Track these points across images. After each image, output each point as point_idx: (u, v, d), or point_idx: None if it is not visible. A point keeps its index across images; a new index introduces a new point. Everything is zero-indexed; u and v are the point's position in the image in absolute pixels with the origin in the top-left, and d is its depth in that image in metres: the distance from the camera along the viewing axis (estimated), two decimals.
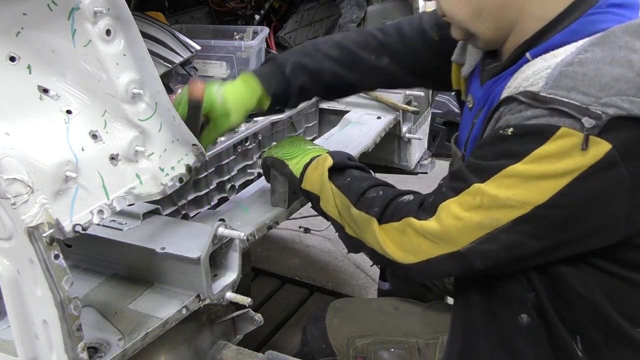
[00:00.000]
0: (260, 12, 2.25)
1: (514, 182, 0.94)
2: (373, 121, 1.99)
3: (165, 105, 1.00)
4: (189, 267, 1.18)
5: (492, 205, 0.96)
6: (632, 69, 0.89)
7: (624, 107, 0.87)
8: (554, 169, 0.91)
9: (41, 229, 0.85)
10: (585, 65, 0.90)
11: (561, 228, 0.96)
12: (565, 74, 0.91)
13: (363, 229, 1.13)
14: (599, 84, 0.88)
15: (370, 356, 1.27)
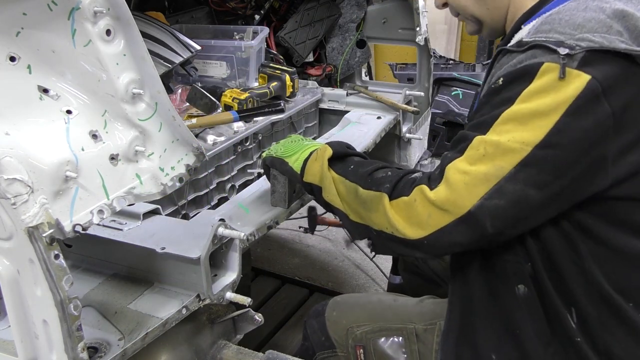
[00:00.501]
0: (260, 12, 2.25)
1: (512, 126, 1.00)
2: (373, 121, 1.99)
3: (165, 105, 1.00)
4: (189, 267, 1.18)
5: (495, 152, 1.00)
6: (603, 12, 1.00)
7: (596, 41, 0.97)
8: (543, 104, 0.98)
9: (41, 229, 0.85)
10: (562, 13, 1.03)
11: (559, 171, 1.00)
12: (544, 21, 1.04)
13: (372, 209, 1.13)
14: (573, 24, 1.00)
15: (369, 344, 1.28)
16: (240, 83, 1.99)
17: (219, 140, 1.66)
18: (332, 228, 2.98)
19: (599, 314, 1.07)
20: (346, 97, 2.14)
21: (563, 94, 0.97)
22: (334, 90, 2.19)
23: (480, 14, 1.23)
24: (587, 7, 1.02)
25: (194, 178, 1.60)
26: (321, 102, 2.16)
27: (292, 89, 1.97)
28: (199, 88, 1.78)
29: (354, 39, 2.40)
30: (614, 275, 1.06)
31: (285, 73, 1.95)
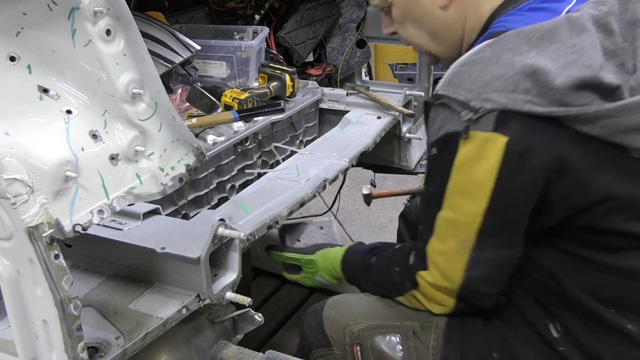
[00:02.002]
0: (260, 12, 2.25)
1: (458, 199, 1.07)
2: (373, 121, 1.99)
3: (165, 105, 1.00)
4: (189, 267, 1.18)
5: (455, 228, 1.10)
6: (513, 69, 0.99)
7: (500, 102, 0.98)
8: (475, 174, 1.03)
9: (41, 229, 0.85)
10: (474, 65, 1.03)
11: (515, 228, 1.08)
12: (457, 73, 1.05)
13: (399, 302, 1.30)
14: (481, 81, 1.00)
15: (366, 342, 1.28)
16: (240, 83, 1.99)
17: (219, 140, 1.66)
18: None
19: (583, 322, 1.11)
20: (346, 97, 2.14)
21: (488, 162, 1.01)
22: (334, 90, 2.19)
23: (436, 51, 1.28)
24: (498, 60, 1.01)
25: (194, 178, 1.60)
26: (321, 102, 2.15)
27: (292, 89, 1.97)
28: (199, 88, 1.78)
29: (354, 39, 2.40)
30: (593, 286, 1.10)
31: (285, 73, 1.95)
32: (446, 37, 1.23)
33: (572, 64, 0.98)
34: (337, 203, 2.35)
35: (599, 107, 0.97)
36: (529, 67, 0.98)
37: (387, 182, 3.77)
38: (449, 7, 1.18)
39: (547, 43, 1.01)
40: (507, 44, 1.02)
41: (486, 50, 1.04)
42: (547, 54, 0.99)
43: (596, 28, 1.03)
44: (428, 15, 1.21)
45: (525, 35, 1.02)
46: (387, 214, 3.42)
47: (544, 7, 1.11)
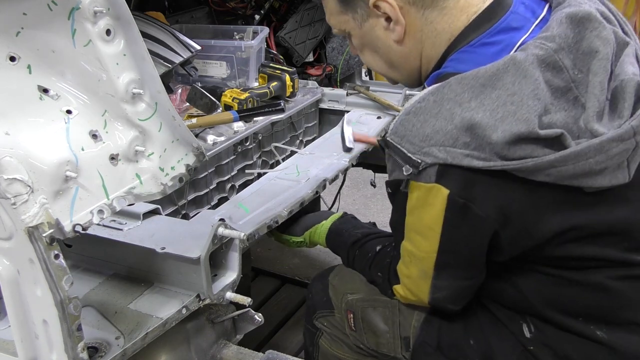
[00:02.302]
0: (260, 12, 2.25)
1: (414, 235, 1.13)
2: (373, 121, 1.99)
3: (165, 105, 1.00)
4: (189, 267, 1.18)
5: (415, 259, 1.15)
6: (452, 122, 0.99)
7: (440, 157, 0.99)
8: (424, 218, 1.07)
9: (41, 229, 0.85)
10: (417, 116, 1.03)
11: (468, 263, 1.13)
12: (402, 122, 1.05)
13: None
14: (422, 134, 1.02)
15: (358, 312, 1.37)
16: (240, 83, 1.99)
17: (219, 140, 1.66)
18: None
19: (554, 327, 1.15)
20: (346, 97, 2.14)
21: (434, 209, 1.04)
22: (334, 90, 2.19)
23: (396, 78, 1.30)
24: (439, 111, 1.01)
25: (194, 178, 1.60)
26: (321, 102, 2.15)
27: (292, 89, 1.96)
28: (199, 88, 1.78)
29: None
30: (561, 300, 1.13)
31: (285, 73, 1.95)
32: (404, 66, 1.23)
33: (509, 116, 0.97)
34: (337, 203, 2.35)
35: (538, 160, 0.97)
36: (467, 121, 0.98)
37: None
38: (403, 41, 1.17)
39: (488, 91, 0.99)
40: (449, 92, 1.01)
41: (429, 99, 1.03)
42: (487, 104, 0.99)
43: (542, 69, 1.01)
44: (384, 47, 1.20)
45: (468, 82, 1.01)
46: (387, 214, 3.41)
47: (495, 40, 1.09)
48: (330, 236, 1.51)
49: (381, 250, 1.35)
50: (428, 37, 1.15)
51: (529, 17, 1.12)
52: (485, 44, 1.10)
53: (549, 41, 1.03)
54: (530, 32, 1.09)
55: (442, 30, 1.14)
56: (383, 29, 1.17)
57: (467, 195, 1.01)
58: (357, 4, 1.16)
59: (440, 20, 1.13)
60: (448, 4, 1.12)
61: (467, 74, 1.02)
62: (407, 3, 1.12)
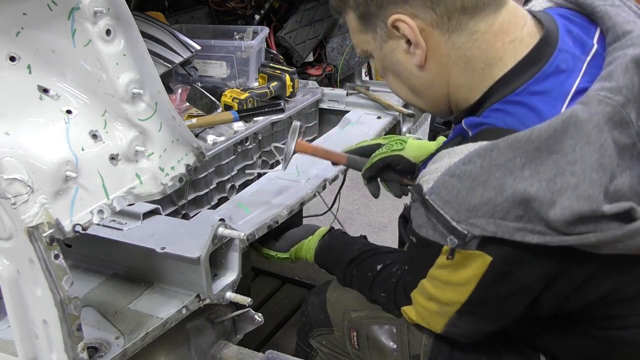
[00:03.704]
0: (260, 12, 2.25)
1: (439, 284, 1.05)
2: (373, 121, 1.99)
3: (165, 105, 1.00)
4: (189, 267, 1.18)
5: (436, 300, 1.08)
6: (502, 194, 0.89)
7: (489, 230, 0.91)
8: (456, 277, 1.00)
9: (41, 228, 0.85)
10: (462, 181, 0.92)
11: (494, 317, 1.07)
12: (445, 184, 0.94)
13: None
14: (468, 204, 0.91)
15: (362, 329, 1.30)
16: (240, 83, 1.99)
17: (219, 140, 1.66)
18: None
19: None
20: (346, 97, 2.14)
21: (470, 271, 0.97)
22: (334, 90, 2.19)
23: (421, 106, 1.17)
24: (487, 179, 0.90)
25: (194, 178, 1.60)
26: (321, 102, 2.15)
27: (292, 89, 1.97)
28: (199, 88, 1.78)
29: None
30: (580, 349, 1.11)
31: (285, 73, 1.95)
32: (428, 93, 1.10)
33: (569, 189, 0.86)
34: (337, 203, 2.35)
35: (602, 235, 0.86)
36: (520, 195, 0.88)
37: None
38: (426, 66, 1.04)
39: (544, 156, 0.88)
40: (499, 157, 0.89)
41: (475, 163, 0.91)
42: (543, 172, 0.87)
43: (609, 128, 0.88)
44: (405, 71, 1.08)
45: (520, 146, 0.89)
46: (387, 214, 3.42)
47: (544, 89, 0.96)
48: (321, 254, 1.44)
49: (383, 269, 1.28)
50: (456, 63, 1.02)
51: (579, 54, 0.99)
52: (533, 94, 0.96)
53: (615, 94, 0.89)
54: (583, 73, 0.96)
55: (473, 58, 1.01)
56: (404, 52, 1.05)
57: (513, 265, 0.94)
58: (376, 23, 1.04)
59: (471, 47, 1.00)
60: (479, 28, 0.99)
61: (519, 135, 0.89)
62: (429, 25, 0.99)
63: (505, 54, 1.00)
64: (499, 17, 1.00)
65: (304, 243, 1.47)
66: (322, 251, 1.44)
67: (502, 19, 1.00)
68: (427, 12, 0.98)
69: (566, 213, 0.86)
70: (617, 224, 0.86)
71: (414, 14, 0.99)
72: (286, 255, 1.49)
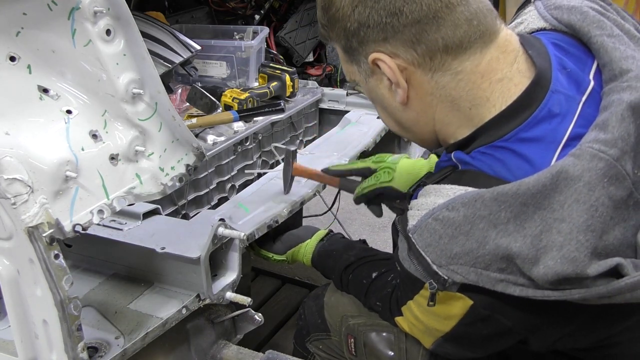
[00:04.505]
0: (260, 12, 2.25)
1: (424, 311, 1.03)
2: (373, 121, 1.99)
3: (165, 105, 1.00)
4: (189, 267, 1.18)
5: (422, 323, 1.08)
6: (484, 247, 0.87)
7: (470, 279, 0.89)
8: (439, 311, 0.99)
9: (41, 228, 0.85)
10: (445, 227, 0.90)
11: (480, 348, 1.06)
12: (428, 227, 0.92)
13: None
14: (450, 252, 0.90)
15: (359, 336, 1.30)
16: (240, 83, 1.99)
17: (219, 140, 1.66)
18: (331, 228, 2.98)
19: None
20: (346, 97, 2.14)
21: (452, 310, 0.96)
22: (334, 90, 2.19)
23: (409, 138, 1.14)
24: (470, 230, 0.87)
25: (194, 178, 1.60)
26: (321, 102, 2.16)
27: (292, 89, 1.97)
28: (199, 88, 1.78)
29: None
30: None
31: (285, 73, 1.95)
32: (414, 129, 1.07)
33: (555, 248, 0.83)
34: (337, 203, 2.35)
35: (586, 292, 0.83)
36: (503, 250, 0.85)
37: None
38: (409, 104, 1.01)
39: (531, 211, 0.84)
40: (483, 209, 0.86)
41: (459, 211, 0.88)
42: (528, 227, 0.84)
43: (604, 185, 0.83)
44: (390, 107, 1.05)
45: (505, 199, 0.85)
46: (387, 214, 3.41)
47: (538, 136, 0.91)
48: (319, 259, 1.42)
49: (378, 277, 1.26)
50: (441, 101, 0.98)
51: (574, 94, 0.93)
52: (523, 140, 0.91)
53: (609, 147, 0.84)
54: (577, 116, 0.91)
55: (458, 97, 0.96)
56: (387, 89, 1.01)
57: (494, 310, 0.93)
58: (359, 58, 1.01)
59: (456, 87, 0.95)
60: (464, 67, 0.94)
61: (506, 188, 0.86)
62: (410, 64, 0.95)
63: (492, 94, 0.95)
64: (487, 55, 0.94)
65: (301, 246, 1.46)
66: (319, 256, 1.43)
67: (490, 57, 0.94)
68: (407, 51, 0.94)
69: (550, 273, 0.83)
70: (603, 281, 0.83)
71: (394, 52, 0.94)
72: (282, 258, 1.49)
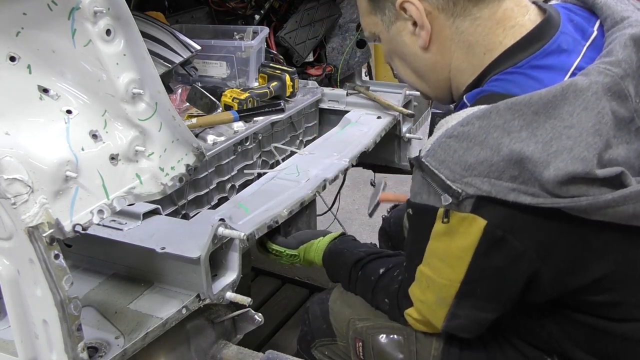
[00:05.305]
0: (260, 12, 2.25)
1: (435, 262, 1.05)
2: (373, 121, 2.00)
3: (165, 105, 1.00)
4: (189, 267, 1.18)
5: (434, 286, 1.07)
6: (498, 153, 0.91)
7: (483, 189, 0.92)
8: (453, 247, 1.00)
9: (41, 228, 0.85)
10: (460, 141, 0.94)
11: (494, 297, 1.06)
12: (442, 145, 0.96)
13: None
14: (464, 163, 0.93)
15: (368, 339, 1.28)
16: (240, 83, 1.99)
17: (219, 140, 1.66)
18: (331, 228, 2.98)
19: None
20: (346, 97, 2.14)
21: (465, 239, 0.97)
22: (334, 90, 2.19)
23: (424, 90, 1.21)
24: (485, 139, 0.92)
25: (194, 178, 1.60)
26: (321, 102, 2.15)
27: (292, 89, 1.97)
28: (199, 88, 1.78)
29: (354, 39, 2.40)
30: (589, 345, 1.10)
31: (285, 73, 1.95)
32: (431, 77, 1.15)
33: (565, 152, 0.88)
34: (337, 203, 2.35)
35: (593, 199, 0.88)
36: (517, 155, 0.90)
37: (387, 182, 3.76)
38: (430, 48, 1.09)
39: (542, 120, 0.90)
40: (497, 118, 0.92)
41: (474, 124, 0.93)
42: (540, 135, 0.90)
43: (608, 99, 0.91)
44: (410, 53, 1.13)
45: (519, 108, 0.91)
46: None
47: (548, 65, 0.99)
48: (330, 256, 1.43)
49: (385, 273, 1.27)
50: (459, 47, 1.07)
51: (579, 38, 1.03)
52: (535, 67, 1.00)
53: (614, 66, 0.93)
54: (582, 55, 1.00)
55: (475, 43, 1.06)
56: (409, 33, 1.10)
57: (507, 228, 0.94)
58: (385, 4, 1.10)
59: (473, 32, 1.05)
60: (482, 14, 1.04)
61: (519, 98, 0.92)
62: (435, 8, 1.05)
63: (505, 39, 1.05)
64: (503, 4, 1.05)
65: (314, 243, 1.47)
66: (330, 253, 1.43)
67: (506, 7, 1.05)
68: None
69: (560, 174, 0.88)
70: (608, 190, 0.89)
71: None
72: (294, 253, 1.49)
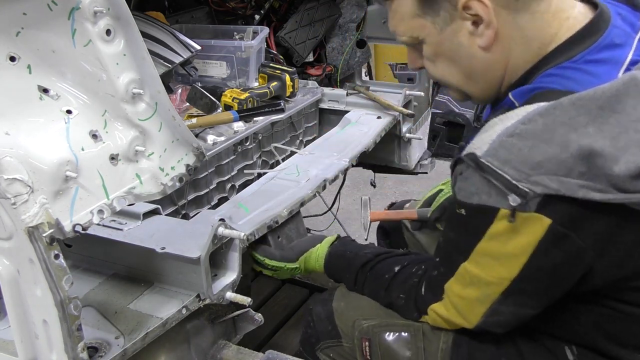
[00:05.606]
0: (260, 12, 2.25)
1: (486, 261, 1.04)
2: (373, 121, 2.00)
3: (165, 105, 1.00)
4: (189, 267, 1.18)
5: (479, 283, 1.06)
6: (567, 150, 0.91)
7: (552, 187, 0.91)
8: (510, 246, 0.99)
9: (41, 228, 0.85)
10: (523, 139, 0.93)
11: (542, 293, 1.06)
12: (503, 144, 0.95)
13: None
14: (531, 161, 0.92)
15: (375, 338, 1.27)
16: (240, 83, 1.99)
17: (219, 140, 1.66)
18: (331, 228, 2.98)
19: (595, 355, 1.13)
20: (346, 97, 2.14)
21: (525, 238, 0.96)
22: (334, 90, 2.19)
23: (470, 91, 1.17)
24: (552, 137, 0.92)
25: (194, 178, 1.60)
26: (321, 102, 2.15)
27: (292, 89, 1.97)
28: (199, 88, 1.78)
29: (354, 39, 2.40)
30: (614, 332, 1.10)
31: (285, 73, 1.95)
32: (484, 77, 1.12)
33: (634, 145, 0.89)
34: (337, 203, 2.35)
35: None
36: (586, 150, 0.89)
37: (387, 182, 3.77)
38: (491, 48, 1.06)
39: (607, 114, 0.90)
40: (562, 115, 0.91)
41: (537, 121, 0.93)
42: (607, 130, 0.90)
43: None
44: (466, 55, 1.09)
45: (583, 104, 0.91)
46: None
47: (603, 58, 1.00)
48: (332, 260, 1.39)
49: (401, 270, 1.26)
50: (517, 44, 1.06)
51: (629, 31, 1.04)
52: (589, 62, 1.00)
53: None
54: (634, 48, 1.01)
55: (532, 37, 1.05)
56: (468, 34, 1.06)
57: (571, 225, 0.94)
58: (441, 5, 1.06)
59: (532, 27, 1.04)
60: (540, 8, 1.03)
61: (582, 94, 0.92)
62: (498, 5, 1.02)
63: (560, 30, 1.04)
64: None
65: (312, 251, 1.43)
66: (332, 257, 1.40)
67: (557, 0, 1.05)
68: None
69: (631, 167, 0.88)
70: None
71: None
72: (295, 265, 1.44)
